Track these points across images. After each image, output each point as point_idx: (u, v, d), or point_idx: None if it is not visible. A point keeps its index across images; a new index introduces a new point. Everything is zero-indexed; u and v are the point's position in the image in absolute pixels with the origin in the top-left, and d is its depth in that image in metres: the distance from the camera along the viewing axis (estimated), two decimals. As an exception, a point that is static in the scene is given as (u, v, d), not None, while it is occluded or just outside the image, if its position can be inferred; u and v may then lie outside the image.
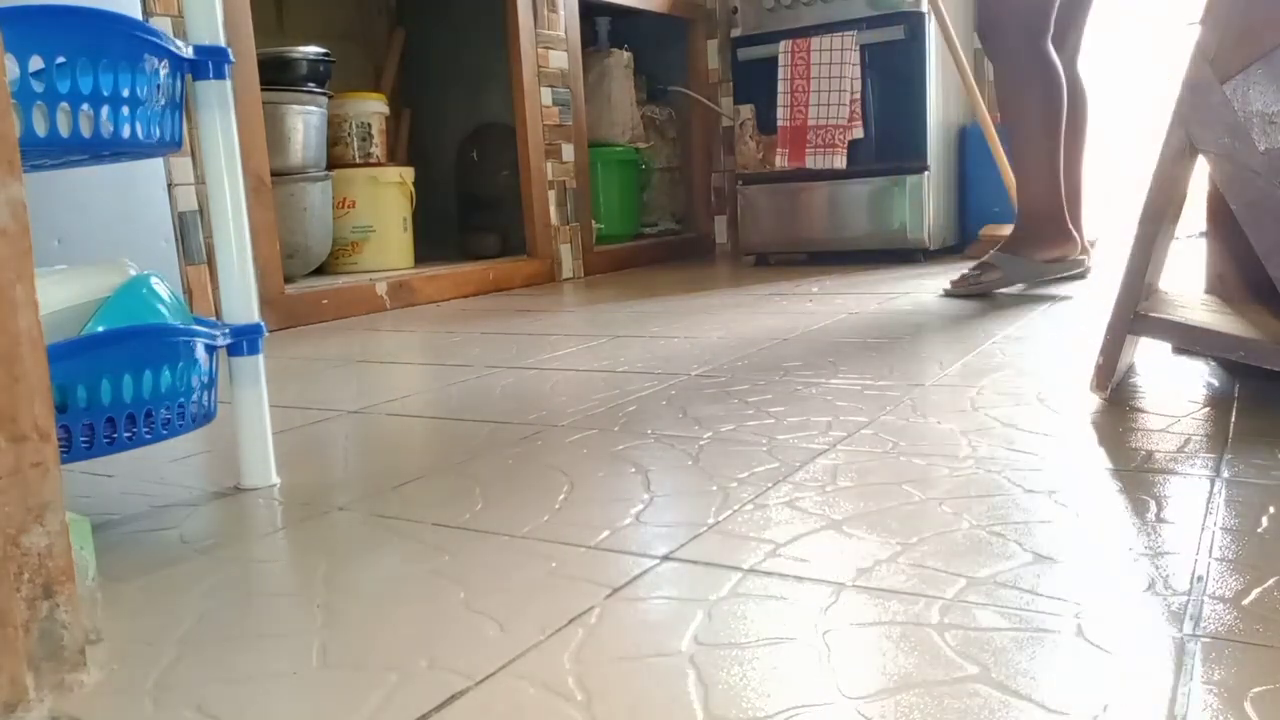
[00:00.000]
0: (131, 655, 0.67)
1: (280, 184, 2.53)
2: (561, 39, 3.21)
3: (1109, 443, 1.03)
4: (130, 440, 0.91)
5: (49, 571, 0.60)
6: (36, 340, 0.60)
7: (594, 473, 1.02)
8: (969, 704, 0.54)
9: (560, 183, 3.23)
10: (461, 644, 0.65)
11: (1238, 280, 1.39)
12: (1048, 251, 2.25)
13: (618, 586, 0.73)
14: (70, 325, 0.92)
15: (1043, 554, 0.74)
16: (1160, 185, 1.14)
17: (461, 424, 1.28)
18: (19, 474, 0.58)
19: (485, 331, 2.12)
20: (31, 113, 0.82)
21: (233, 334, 1.01)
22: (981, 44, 2.30)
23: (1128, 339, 1.18)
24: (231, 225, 1.01)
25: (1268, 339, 1.11)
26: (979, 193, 3.29)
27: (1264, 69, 1.08)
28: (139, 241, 2.01)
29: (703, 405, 1.30)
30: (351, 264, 2.93)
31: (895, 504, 0.87)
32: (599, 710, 0.56)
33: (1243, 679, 0.55)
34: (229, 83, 0.99)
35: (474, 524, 0.89)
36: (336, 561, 0.82)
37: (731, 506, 0.89)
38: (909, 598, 0.68)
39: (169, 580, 0.80)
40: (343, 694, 0.60)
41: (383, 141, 3.03)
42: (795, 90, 3.16)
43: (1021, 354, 1.51)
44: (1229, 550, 0.73)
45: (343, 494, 1.01)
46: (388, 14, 3.62)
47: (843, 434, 1.11)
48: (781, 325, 1.96)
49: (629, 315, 2.24)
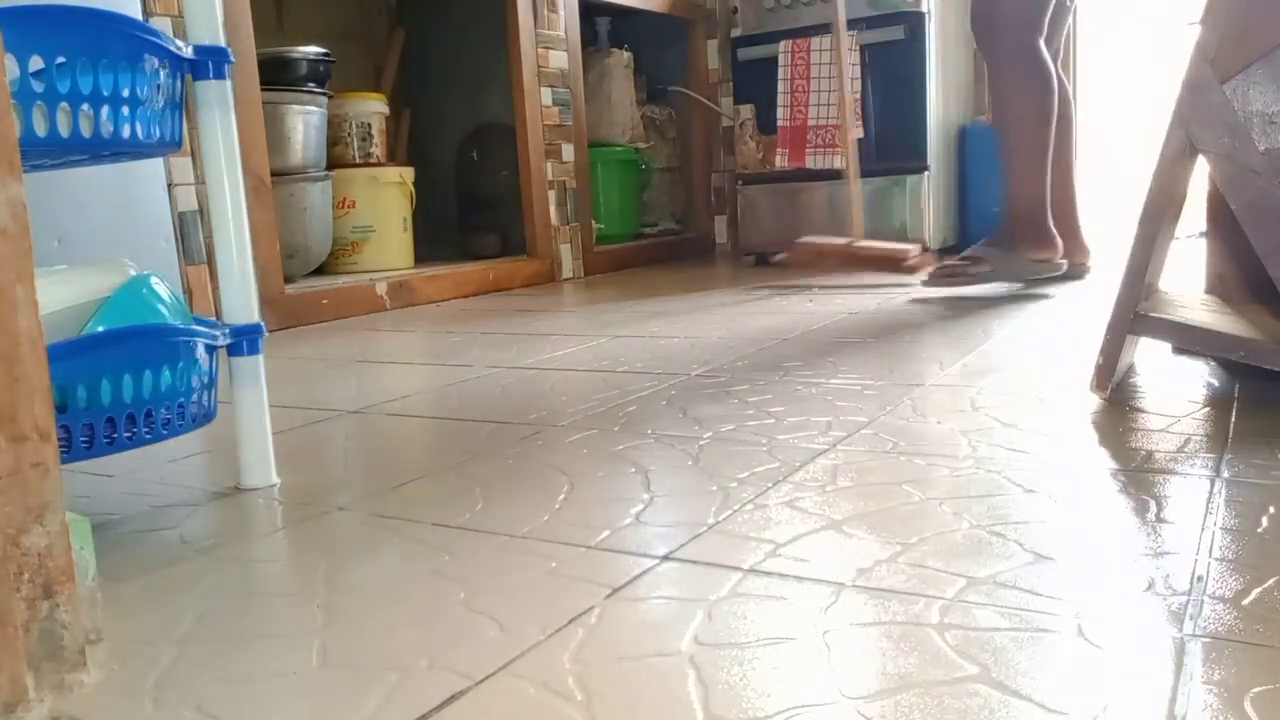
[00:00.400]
0: (131, 655, 0.67)
1: (280, 184, 2.53)
2: (561, 39, 3.21)
3: (1109, 443, 1.03)
4: (130, 440, 0.91)
5: (49, 571, 0.60)
6: (36, 340, 0.60)
7: (594, 473, 1.02)
8: (969, 704, 0.54)
9: (560, 183, 3.23)
10: (461, 644, 0.65)
11: (1238, 280, 1.39)
12: (1036, 252, 2.25)
13: (618, 586, 0.73)
14: (70, 325, 0.92)
15: (1043, 554, 0.74)
16: (1160, 185, 1.14)
17: (461, 424, 1.28)
18: (19, 474, 0.58)
19: (485, 331, 2.12)
20: (31, 113, 0.82)
21: (233, 334, 1.01)
22: (976, 43, 2.30)
23: (1128, 339, 1.18)
24: (231, 225, 1.01)
25: (1268, 339, 1.11)
26: (979, 193, 3.29)
27: (1264, 69, 1.08)
28: (139, 241, 2.01)
29: (703, 405, 1.30)
30: (351, 264, 2.93)
31: (895, 504, 0.87)
32: (599, 710, 0.56)
33: (1242, 679, 0.55)
34: (229, 83, 0.99)
35: (474, 524, 0.89)
36: (336, 561, 0.82)
37: (731, 506, 0.89)
38: (909, 598, 0.68)
39: (169, 580, 0.80)
40: (343, 694, 0.60)
41: (383, 141, 3.03)
42: (795, 90, 3.16)
43: (1021, 354, 1.51)
44: (1229, 550, 0.73)
45: (343, 494, 1.01)
46: (388, 14, 3.62)
47: (843, 434, 1.11)
48: (781, 325, 1.96)
49: (629, 315, 2.24)
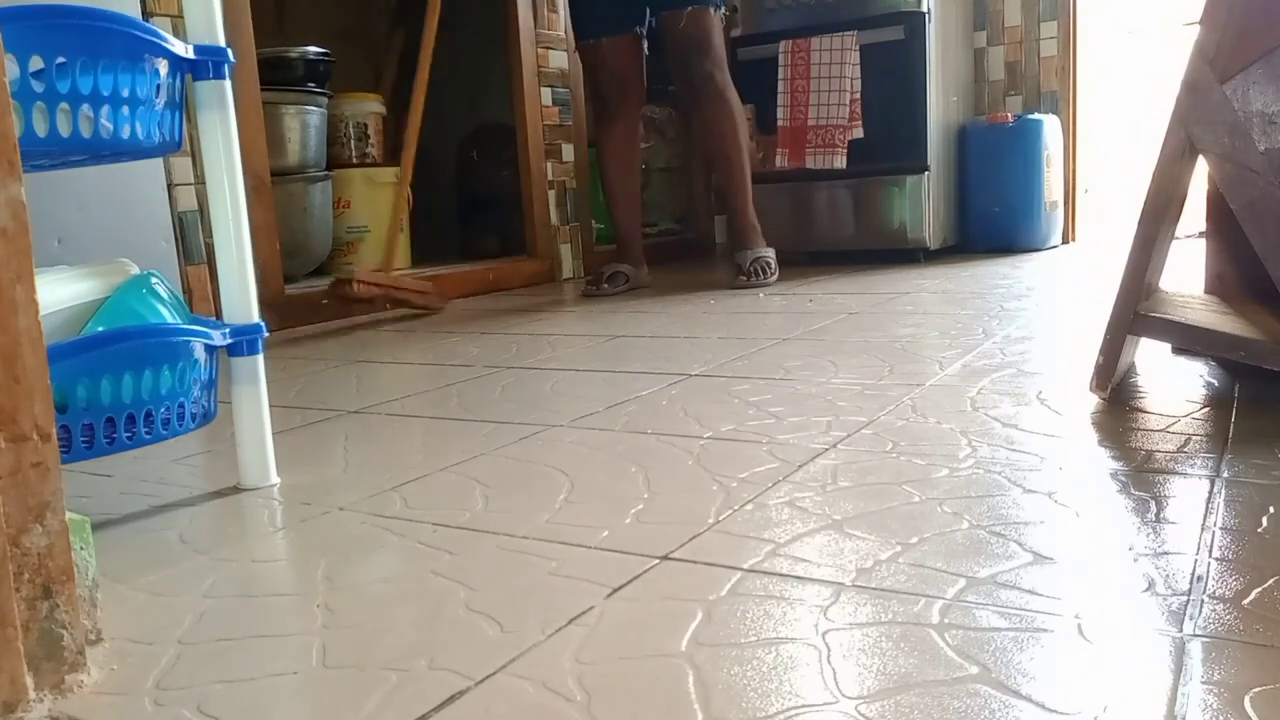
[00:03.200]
0: (131, 655, 0.67)
1: (280, 184, 2.53)
2: (561, 39, 3.21)
3: (1109, 443, 1.03)
4: (130, 440, 0.91)
5: (49, 571, 0.60)
6: (36, 340, 0.60)
7: (594, 473, 1.02)
8: (969, 704, 0.54)
9: (560, 183, 3.23)
10: (461, 644, 0.65)
11: (1238, 280, 1.38)
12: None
13: (618, 586, 0.73)
14: (70, 325, 0.92)
15: (1043, 554, 0.74)
16: (1160, 185, 1.14)
17: (461, 424, 1.28)
18: (19, 474, 0.58)
19: (485, 331, 2.12)
20: (31, 113, 0.82)
21: (233, 334, 1.01)
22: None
23: (1128, 339, 1.18)
24: (231, 225, 1.01)
25: (1268, 339, 1.11)
26: (979, 193, 3.29)
27: (1264, 69, 1.08)
28: (139, 241, 2.01)
29: (703, 405, 1.30)
30: (347, 265, 2.93)
31: (895, 504, 0.87)
32: (599, 710, 0.56)
33: (1242, 679, 0.55)
34: (229, 83, 0.99)
35: (474, 524, 0.89)
36: (336, 561, 0.82)
37: (731, 506, 0.89)
38: (909, 598, 0.68)
39: (169, 580, 0.80)
40: (343, 694, 0.60)
41: (379, 141, 3.03)
42: (795, 90, 3.15)
43: (1021, 354, 1.51)
44: (1229, 550, 0.73)
45: (343, 494, 1.01)
46: (388, 14, 3.62)
47: (843, 434, 1.11)
48: (781, 325, 1.96)
49: (629, 315, 2.24)
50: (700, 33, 2.63)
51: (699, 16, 2.62)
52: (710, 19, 2.65)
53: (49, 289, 0.90)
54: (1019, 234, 3.26)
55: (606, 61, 2.70)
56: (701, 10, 2.62)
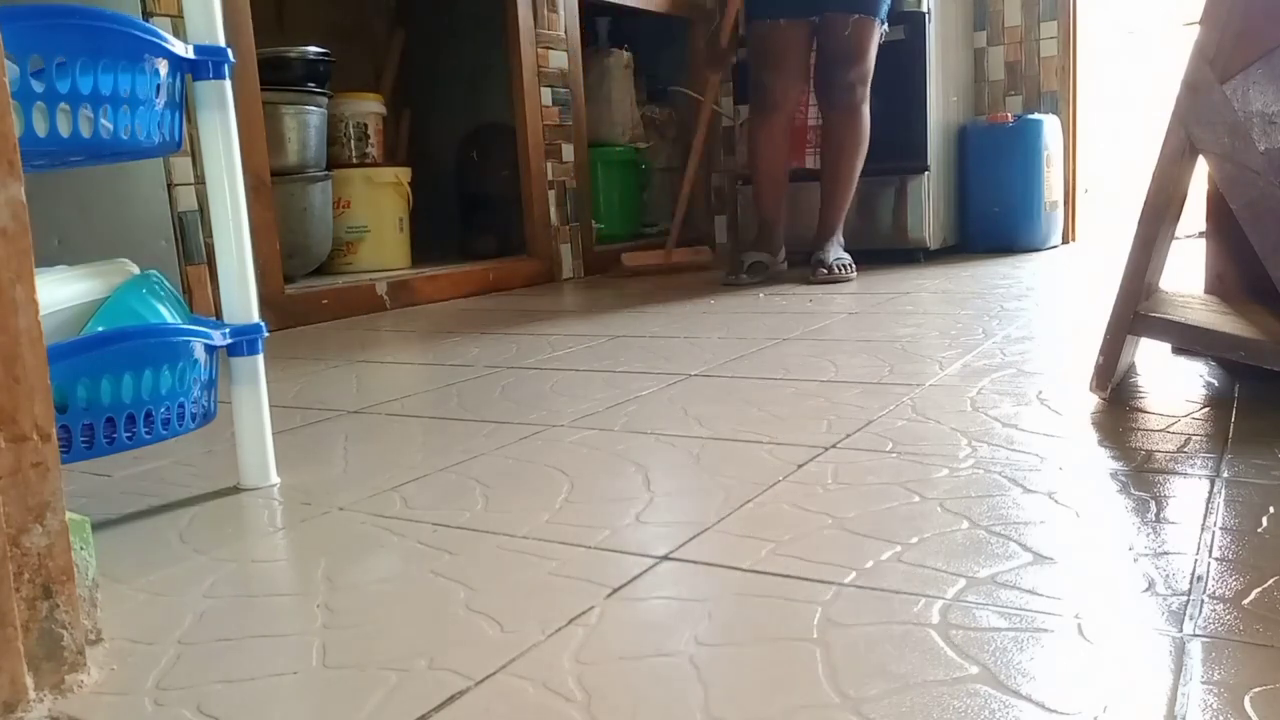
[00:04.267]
0: (131, 655, 0.67)
1: (280, 184, 2.53)
2: (561, 39, 3.21)
3: (1109, 443, 1.03)
4: (130, 440, 0.91)
5: (49, 571, 0.60)
6: (36, 340, 0.60)
7: (594, 473, 1.02)
8: (969, 704, 0.54)
9: (560, 183, 3.23)
10: (461, 644, 0.65)
11: (1238, 280, 1.39)
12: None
13: (618, 586, 0.73)
14: (70, 325, 0.92)
15: (1043, 554, 0.74)
16: (1160, 185, 1.14)
17: (461, 424, 1.28)
18: (19, 474, 0.58)
19: (485, 331, 2.12)
20: (31, 113, 0.82)
21: (233, 334, 1.01)
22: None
23: (1128, 339, 1.18)
24: (231, 225, 1.01)
25: (1268, 339, 1.11)
26: (979, 193, 3.29)
27: (1264, 69, 1.08)
28: (139, 241, 2.01)
29: (703, 405, 1.30)
30: (347, 265, 2.93)
31: (895, 504, 0.87)
32: (599, 710, 0.56)
33: (1242, 679, 0.55)
34: (229, 83, 0.99)
35: (474, 524, 0.89)
36: (336, 561, 0.82)
37: (731, 506, 0.89)
38: (909, 598, 0.68)
39: (169, 580, 0.80)
40: (343, 694, 0.60)
41: (379, 142, 3.02)
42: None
43: (1021, 354, 1.51)
44: (1229, 550, 0.73)
45: (343, 494, 1.01)
46: (388, 14, 3.62)
47: (843, 434, 1.11)
48: (781, 325, 1.96)
49: (629, 315, 2.24)
50: (857, 42, 2.60)
51: (862, 26, 2.59)
52: (871, 31, 2.61)
53: (49, 289, 0.90)
54: (1019, 234, 3.26)
55: (777, 45, 2.64)
56: (867, 20, 2.59)
